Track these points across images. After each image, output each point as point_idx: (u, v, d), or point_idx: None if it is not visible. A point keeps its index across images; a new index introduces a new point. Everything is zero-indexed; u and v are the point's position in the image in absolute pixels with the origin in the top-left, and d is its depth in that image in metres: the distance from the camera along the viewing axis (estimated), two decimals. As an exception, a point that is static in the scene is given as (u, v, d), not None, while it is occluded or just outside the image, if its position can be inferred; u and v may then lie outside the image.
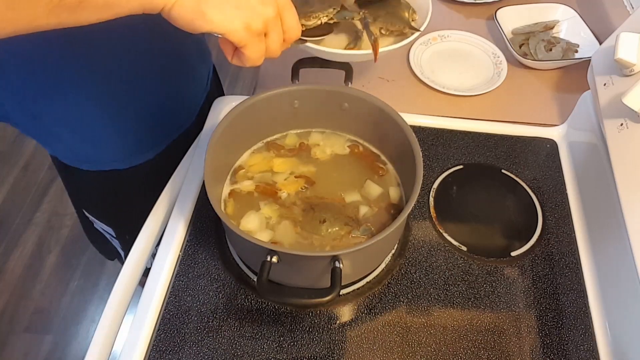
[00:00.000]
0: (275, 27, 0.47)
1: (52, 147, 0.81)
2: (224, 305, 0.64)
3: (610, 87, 0.65)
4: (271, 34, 0.47)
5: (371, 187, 0.69)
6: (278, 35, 0.48)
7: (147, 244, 0.70)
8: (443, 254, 0.69)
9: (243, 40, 0.45)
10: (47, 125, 0.76)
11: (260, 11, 0.44)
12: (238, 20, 0.43)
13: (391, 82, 0.93)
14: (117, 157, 0.81)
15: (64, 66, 0.68)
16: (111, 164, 0.82)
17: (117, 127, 0.77)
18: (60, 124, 0.75)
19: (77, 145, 0.79)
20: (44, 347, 1.57)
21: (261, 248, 0.55)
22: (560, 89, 0.92)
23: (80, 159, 0.81)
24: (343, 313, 0.64)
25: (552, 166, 0.80)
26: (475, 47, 0.98)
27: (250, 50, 0.46)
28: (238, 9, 0.43)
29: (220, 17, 0.43)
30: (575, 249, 0.70)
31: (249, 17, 0.44)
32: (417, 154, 0.63)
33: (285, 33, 0.49)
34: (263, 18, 0.45)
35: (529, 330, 0.63)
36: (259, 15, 0.44)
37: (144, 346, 0.60)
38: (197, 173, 0.75)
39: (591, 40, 0.95)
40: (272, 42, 0.48)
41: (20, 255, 1.76)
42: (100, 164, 0.82)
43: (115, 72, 0.71)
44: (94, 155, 0.80)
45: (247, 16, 0.44)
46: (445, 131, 0.83)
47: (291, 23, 0.49)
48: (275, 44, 0.48)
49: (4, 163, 1.99)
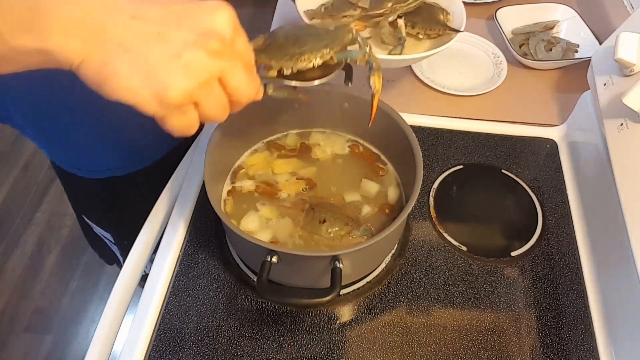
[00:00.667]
0: (209, 95, 0.37)
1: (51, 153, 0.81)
2: (224, 305, 0.64)
3: (610, 87, 0.65)
4: (203, 103, 0.38)
5: (368, 185, 0.69)
6: (214, 103, 0.38)
7: (147, 243, 0.70)
8: (443, 254, 0.69)
9: (157, 113, 0.37)
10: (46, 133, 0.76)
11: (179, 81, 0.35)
12: (147, 90, 0.35)
13: (391, 82, 0.93)
14: (117, 165, 0.81)
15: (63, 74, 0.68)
16: (110, 172, 0.82)
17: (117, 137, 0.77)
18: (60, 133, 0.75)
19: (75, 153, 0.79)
20: (44, 347, 1.57)
21: (261, 248, 0.55)
22: (560, 89, 0.92)
23: (79, 166, 0.81)
24: (343, 313, 0.64)
25: (552, 166, 0.80)
26: (475, 47, 0.98)
27: (170, 124, 0.38)
28: (149, 78, 0.35)
29: (125, 85, 0.35)
30: (575, 249, 0.70)
31: (161, 89, 0.35)
32: (417, 154, 0.63)
33: (232, 95, 0.39)
34: (182, 90, 0.35)
35: (529, 330, 0.63)
36: (177, 86, 0.35)
37: (144, 346, 0.60)
38: (197, 173, 0.75)
39: (591, 40, 0.95)
40: (207, 110, 0.38)
41: (20, 255, 1.76)
42: (98, 172, 0.81)
43: None
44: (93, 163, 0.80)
45: (159, 89, 0.35)
46: (445, 131, 0.83)
47: (237, 84, 0.38)
48: (213, 112, 0.39)
49: (4, 163, 1.99)
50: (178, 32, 0.35)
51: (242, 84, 0.39)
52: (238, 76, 0.38)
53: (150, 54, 0.35)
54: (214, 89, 0.38)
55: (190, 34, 0.35)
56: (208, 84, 0.37)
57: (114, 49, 0.34)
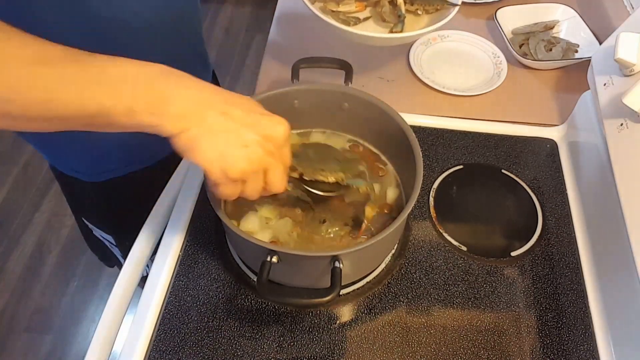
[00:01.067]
0: (254, 179, 0.51)
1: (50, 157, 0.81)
2: (224, 305, 0.64)
3: (610, 87, 0.65)
4: (248, 183, 0.51)
5: None
6: (255, 186, 0.52)
7: (147, 243, 0.70)
8: (443, 254, 0.69)
9: (218, 180, 0.49)
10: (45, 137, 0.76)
11: (241, 164, 0.49)
12: (217, 164, 0.48)
13: (391, 82, 0.93)
14: (116, 168, 0.81)
15: None
16: (109, 175, 0.81)
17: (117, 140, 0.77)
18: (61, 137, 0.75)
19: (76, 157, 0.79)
20: (44, 347, 1.57)
21: (261, 248, 0.55)
22: (560, 89, 0.92)
23: (79, 169, 0.81)
24: (343, 313, 0.64)
25: (552, 166, 0.80)
26: (475, 47, 0.98)
27: (222, 190, 0.51)
28: (222, 157, 0.48)
29: (204, 157, 0.48)
30: (575, 249, 0.70)
31: (228, 165, 0.48)
32: (417, 154, 0.63)
33: (267, 185, 0.53)
34: (240, 170, 0.49)
35: (529, 330, 0.63)
36: (238, 167, 0.48)
37: (144, 346, 0.60)
38: (197, 173, 0.75)
39: (591, 40, 0.95)
40: (248, 189, 0.52)
41: (20, 255, 1.76)
42: (98, 175, 0.81)
43: None
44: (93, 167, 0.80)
45: (227, 165, 0.48)
46: (445, 131, 0.83)
47: (274, 179, 0.52)
48: (251, 191, 0.52)
49: (4, 163, 1.99)
50: (250, 132, 0.49)
51: (277, 180, 0.53)
52: (277, 174, 0.52)
53: (228, 141, 0.48)
54: (259, 176, 0.51)
55: (257, 135, 0.49)
56: (257, 172, 0.51)
57: (204, 131, 0.47)
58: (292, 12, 1.06)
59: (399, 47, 0.97)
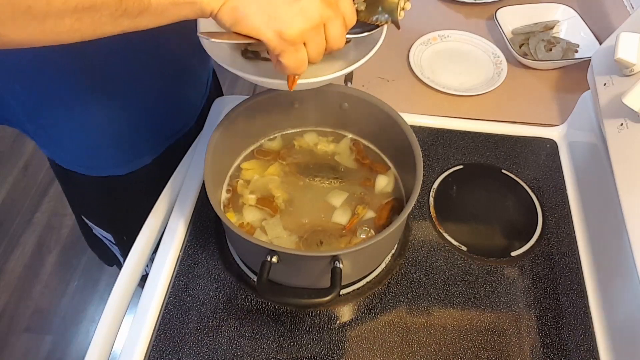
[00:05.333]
0: (315, 37, 0.47)
1: (51, 151, 0.81)
2: (224, 305, 0.64)
3: (610, 87, 0.65)
4: (310, 44, 0.47)
5: None
6: (317, 45, 0.48)
7: (147, 243, 0.70)
8: (443, 254, 0.69)
9: (277, 48, 0.46)
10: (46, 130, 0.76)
11: (296, 22, 0.45)
12: (270, 28, 0.44)
13: (391, 82, 0.93)
14: (116, 163, 0.81)
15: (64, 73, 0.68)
16: (109, 170, 0.81)
17: (116, 133, 0.77)
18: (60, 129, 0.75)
19: (75, 150, 0.79)
20: (44, 347, 1.57)
21: (261, 248, 0.55)
22: (560, 89, 0.92)
23: (79, 163, 0.81)
24: (343, 313, 0.64)
25: (552, 166, 0.80)
26: (475, 47, 0.98)
27: (286, 59, 0.47)
28: (272, 19, 0.44)
29: (252, 24, 0.44)
30: (575, 249, 0.70)
31: (282, 26, 0.44)
32: (417, 154, 0.63)
33: (328, 42, 0.48)
34: (298, 29, 0.45)
35: (529, 330, 0.63)
36: (294, 25, 0.44)
37: (144, 346, 0.60)
38: (197, 173, 0.75)
39: (591, 40, 0.95)
40: (311, 50, 0.47)
41: (20, 255, 1.76)
42: (98, 169, 0.81)
43: (114, 78, 0.71)
44: (93, 160, 0.80)
45: (281, 25, 0.44)
46: (445, 131, 0.83)
47: (335, 34, 0.48)
48: (314, 52, 0.48)
49: (4, 163, 1.99)
50: None
51: (338, 34, 0.48)
52: (337, 27, 0.48)
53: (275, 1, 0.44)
54: (320, 33, 0.47)
55: None
56: (318, 28, 0.46)
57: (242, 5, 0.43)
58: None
59: (399, 47, 0.97)
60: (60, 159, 0.82)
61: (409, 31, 0.99)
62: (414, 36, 0.98)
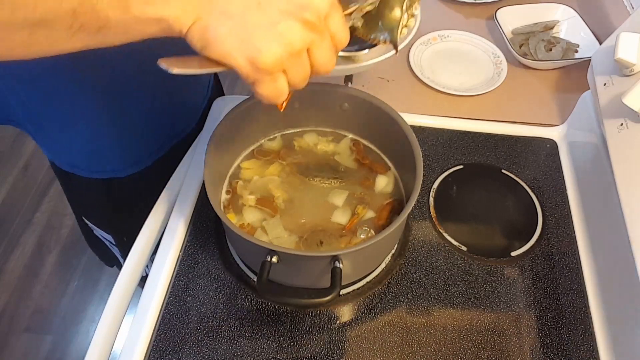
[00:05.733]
0: (296, 64, 0.40)
1: (52, 153, 0.81)
2: (224, 305, 0.64)
3: (610, 87, 0.65)
4: (290, 71, 0.41)
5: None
6: (299, 73, 0.41)
7: (147, 243, 0.70)
8: (443, 254, 0.69)
9: (250, 77, 0.40)
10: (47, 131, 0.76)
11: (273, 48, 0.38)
12: (243, 55, 0.38)
13: (391, 82, 0.93)
14: (117, 165, 0.81)
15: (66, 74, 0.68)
16: (110, 172, 0.81)
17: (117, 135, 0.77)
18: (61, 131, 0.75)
19: (76, 152, 0.79)
20: (44, 347, 1.57)
21: (261, 248, 0.55)
22: (560, 89, 0.92)
23: (80, 165, 0.81)
24: (343, 313, 0.64)
25: (552, 166, 0.80)
26: (475, 47, 0.98)
27: (261, 89, 0.41)
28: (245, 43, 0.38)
29: (223, 48, 0.39)
30: (575, 249, 0.70)
31: (256, 53, 0.38)
32: (417, 154, 0.63)
33: (313, 67, 0.42)
34: (274, 56, 0.38)
35: (529, 330, 0.63)
36: (270, 52, 0.38)
37: (144, 346, 0.60)
38: (197, 173, 0.75)
39: (591, 40, 0.95)
40: (292, 78, 0.41)
41: (20, 255, 1.76)
42: (99, 171, 0.81)
43: (116, 80, 0.71)
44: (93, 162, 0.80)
45: (254, 52, 0.38)
46: (445, 131, 0.83)
47: (321, 58, 0.41)
48: (296, 80, 0.42)
49: (4, 163, 1.99)
50: (277, 2, 0.38)
51: (325, 58, 0.42)
52: (324, 50, 0.41)
53: (249, 21, 0.38)
54: (302, 59, 0.41)
55: (288, 5, 0.38)
56: (299, 54, 0.40)
57: (218, 16, 0.38)
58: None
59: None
60: (61, 161, 0.82)
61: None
62: (414, 36, 0.98)
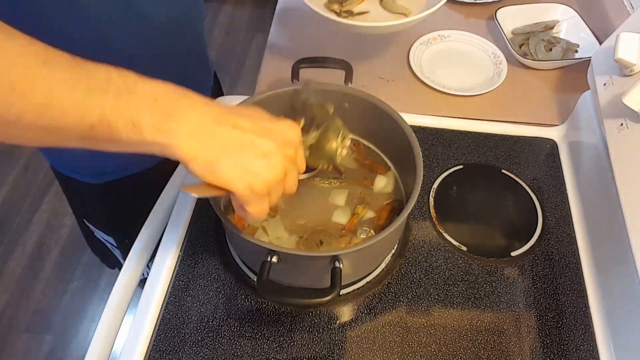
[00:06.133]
0: (278, 189, 0.50)
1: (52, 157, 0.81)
2: (224, 305, 0.64)
3: (610, 87, 0.65)
4: (272, 194, 0.50)
5: None
6: (277, 195, 0.51)
7: (148, 242, 0.70)
8: (443, 254, 0.69)
9: (247, 199, 0.48)
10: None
11: (266, 176, 0.47)
12: (243, 181, 0.46)
13: (391, 82, 0.93)
14: (117, 168, 0.81)
15: None
16: (111, 175, 0.81)
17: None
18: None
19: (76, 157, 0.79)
20: (44, 347, 1.57)
21: (261, 248, 0.55)
22: (560, 89, 0.92)
23: (80, 171, 0.81)
24: (343, 313, 0.64)
25: (552, 166, 0.80)
26: (475, 47, 0.98)
27: (252, 208, 0.49)
28: (245, 172, 0.46)
29: (226, 177, 0.46)
30: (575, 249, 0.70)
31: (254, 179, 0.47)
32: (417, 154, 0.63)
33: (285, 189, 0.51)
34: (266, 182, 0.47)
35: (529, 330, 0.63)
36: (264, 179, 0.47)
37: (144, 346, 0.60)
38: (197, 173, 0.75)
39: (591, 40, 0.95)
40: (272, 199, 0.50)
41: (20, 255, 1.76)
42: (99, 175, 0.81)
43: None
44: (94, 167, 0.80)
45: (253, 179, 0.47)
46: (445, 131, 0.83)
47: (291, 183, 0.51)
48: (273, 200, 0.51)
49: (4, 163, 1.99)
50: (266, 141, 0.47)
51: (294, 183, 0.52)
52: (294, 177, 0.51)
53: (247, 155, 0.47)
54: (282, 184, 0.50)
55: (275, 143, 0.48)
56: (281, 181, 0.49)
57: (219, 150, 0.46)
58: (292, 12, 1.06)
59: (399, 47, 0.97)
60: (60, 165, 0.82)
61: (409, 31, 1.00)
62: (414, 36, 0.98)
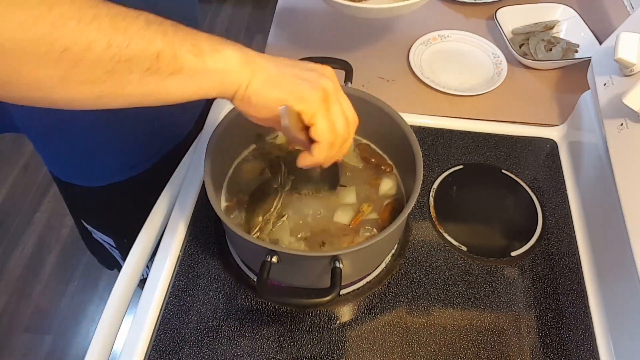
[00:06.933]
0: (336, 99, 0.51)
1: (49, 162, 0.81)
2: (224, 305, 0.64)
3: (610, 87, 0.65)
4: (332, 106, 0.50)
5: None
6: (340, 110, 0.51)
7: (147, 243, 0.70)
8: (443, 254, 0.69)
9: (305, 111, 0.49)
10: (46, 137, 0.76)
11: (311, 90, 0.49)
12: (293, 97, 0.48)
13: (391, 82, 0.93)
14: (115, 171, 0.81)
15: None
16: (109, 179, 0.81)
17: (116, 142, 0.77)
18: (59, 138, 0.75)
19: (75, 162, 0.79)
20: (44, 347, 1.57)
21: (261, 248, 0.55)
22: (560, 89, 0.92)
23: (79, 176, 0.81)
24: (343, 313, 0.64)
25: (552, 166, 0.80)
26: (475, 47, 0.98)
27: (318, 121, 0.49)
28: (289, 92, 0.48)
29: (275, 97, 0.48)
30: (575, 249, 0.70)
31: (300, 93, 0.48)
32: (417, 154, 0.63)
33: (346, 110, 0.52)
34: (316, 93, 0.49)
35: (529, 330, 0.63)
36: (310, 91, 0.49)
37: (144, 346, 0.60)
38: (197, 173, 0.75)
39: (591, 40, 0.95)
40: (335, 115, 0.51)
41: (20, 255, 1.76)
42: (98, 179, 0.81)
43: None
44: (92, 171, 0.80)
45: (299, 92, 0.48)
46: (445, 131, 0.83)
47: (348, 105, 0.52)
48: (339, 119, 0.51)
49: (4, 163, 1.99)
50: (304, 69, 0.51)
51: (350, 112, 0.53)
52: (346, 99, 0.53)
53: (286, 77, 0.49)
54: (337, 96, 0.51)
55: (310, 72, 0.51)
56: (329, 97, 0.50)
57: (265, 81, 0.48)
58: (292, 12, 1.06)
59: (399, 47, 0.97)
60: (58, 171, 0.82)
61: (409, 31, 1.00)
62: (414, 36, 0.98)
